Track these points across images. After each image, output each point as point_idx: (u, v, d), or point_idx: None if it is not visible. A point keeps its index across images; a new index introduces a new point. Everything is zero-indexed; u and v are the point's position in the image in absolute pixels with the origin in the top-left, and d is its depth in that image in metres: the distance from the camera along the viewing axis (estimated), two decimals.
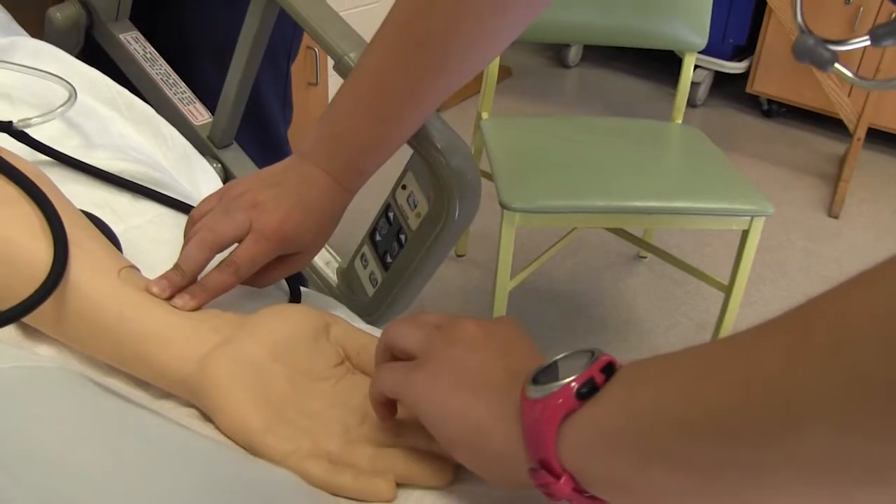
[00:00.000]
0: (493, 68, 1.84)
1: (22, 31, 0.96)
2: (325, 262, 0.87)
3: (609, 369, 0.39)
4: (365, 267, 0.81)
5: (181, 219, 0.72)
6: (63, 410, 0.40)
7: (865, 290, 0.29)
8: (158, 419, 0.46)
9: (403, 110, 0.66)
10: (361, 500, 0.47)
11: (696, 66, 3.04)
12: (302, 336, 0.54)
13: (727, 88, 3.27)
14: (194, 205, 0.72)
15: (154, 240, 0.70)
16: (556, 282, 2.15)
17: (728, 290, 1.62)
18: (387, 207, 0.78)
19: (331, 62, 0.76)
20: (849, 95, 2.60)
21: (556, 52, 3.57)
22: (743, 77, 3.13)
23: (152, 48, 1.02)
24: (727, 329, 1.66)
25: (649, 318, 2.02)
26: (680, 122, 1.88)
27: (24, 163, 0.61)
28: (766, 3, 2.76)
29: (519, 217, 1.46)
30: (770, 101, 3.16)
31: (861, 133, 2.55)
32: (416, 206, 0.73)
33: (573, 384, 0.38)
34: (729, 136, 3.05)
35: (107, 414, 0.43)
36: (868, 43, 0.48)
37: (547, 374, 0.40)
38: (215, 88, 1.01)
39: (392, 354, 0.49)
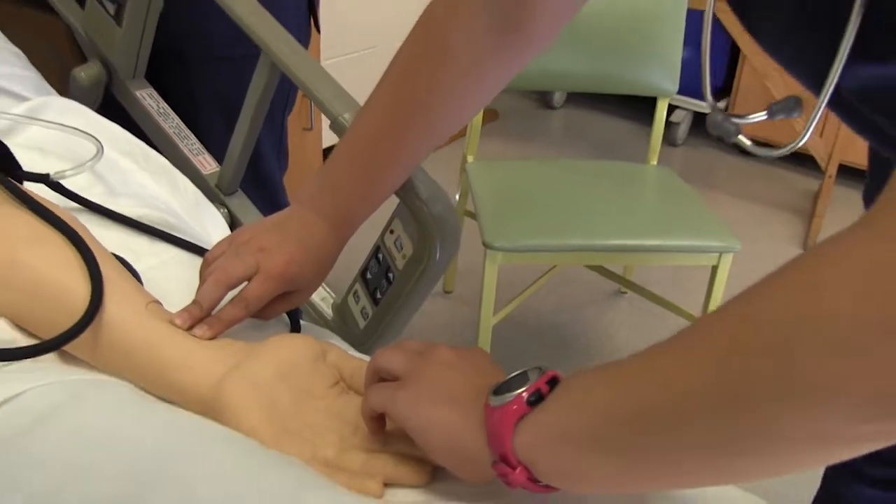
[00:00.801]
0: (479, 113, 1.94)
1: (51, 90, 1.06)
2: (321, 297, 0.97)
3: (553, 381, 0.48)
4: (357, 302, 0.90)
5: (193, 259, 0.82)
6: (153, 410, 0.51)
7: (746, 307, 0.39)
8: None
9: (392, 167, 0.76)
10: None
11: (676, 107, 3.18)
12: (303, 361, 0.63)
13: (706, 128, 3.39)
14: (205, 247, 0.82)
15: (169, 278, 0.79)
16: (540, 316, 2.24)
17: None
18: (377, 249, 0.88)
19: None
20: (820, 135, 2.72)
21: (541, 95, 3.70)
22: None
23: (165, 104, 1.12)
24: None
25: (631, 351, 2.10)
26: (655, 163, 1.99)
27: (61, 210, 0.71)
28: (740, 48, 2.89)
29: (501, 255, 1.56)
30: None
31: (832, 170, 2.67)
32: (402, 249, 0.83)
33: (524, 394, 0.48)
34: (709, 174, 3.17)
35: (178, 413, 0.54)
36: (765, 117, 0.59)
37: (504, 387, 0.49)
38: (218, 136, 1.11)
39: (380, 376, 0.58)
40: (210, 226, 0.96)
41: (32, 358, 0.62)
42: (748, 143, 0.58)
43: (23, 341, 0.65)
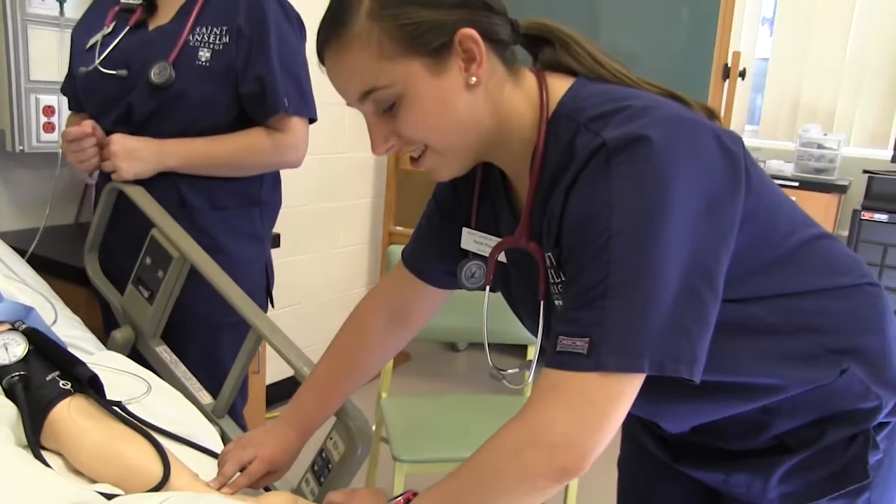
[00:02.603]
0: (390, 362, 2.51)
1: (102, 346, 1.58)
2: (280, 485, 1.46)
3: (416, 494, 1.01)
4: (307, 485, 1.40)
5: (204, 456, 1.32)
6: None
7: (479, 451, 0.93)
8: None
9: (332, 400, 1.31)
10: None
11: None
12: None
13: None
14: (212, 449, 1.32)
15: (191, 466, 1.29)
16: None
17: None
18: (322, 450, 1.39)
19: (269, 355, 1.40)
20: None
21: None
22: None
23: (175, 356, 1.65)
24: None
25: None
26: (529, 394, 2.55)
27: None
28: None
29: (407, 466, 2.07)
30: None
31: None
32: (337, 448, 1.35)
33: (401, 499, 1.00)
34: None
35: None
36: (518, 370, 1.16)
37: (392, 500, 1.01)
38: (203, 369, 1.65)
39: None
40: (208, 437, 1.46)
41: None
42: (507, 383, 1.15)
43: None
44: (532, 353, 2.54)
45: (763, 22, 4.30)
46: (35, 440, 1.12)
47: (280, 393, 3.22)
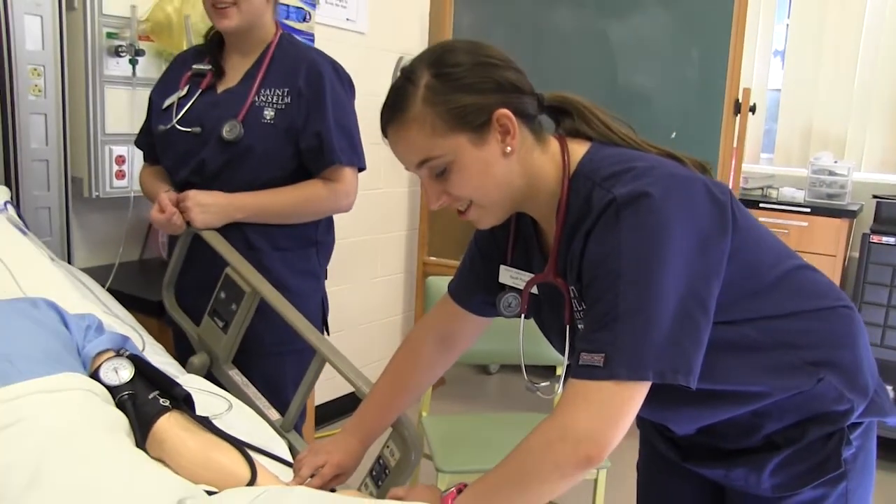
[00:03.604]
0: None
1: (183, 370, 1.81)
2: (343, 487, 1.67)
3: (467, 485, 1.22)
4: (366, 489, 1.62)
5: (275, 464, 1.53)
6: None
7: (517, 452, 1.14)
8: None
9: (390, 413, 1.53)
10: None
11: None
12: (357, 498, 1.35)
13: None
14: (284, 458, 1.54)
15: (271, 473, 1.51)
16: None
17: None
18: (379, 457, 1.61)
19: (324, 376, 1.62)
20: None
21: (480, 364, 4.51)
22: None
23: (245, 378, 1.87)
24: None
25: None
26: None
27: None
28: None
29: (448, 477, 2.28)
30: None
31: None
32: (394, 455, 1.57)
33: (454, 490, 1.21)
34: None
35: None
36: (547, 384, 1.37)
37: (445, 491, 1.22)
38: (268, 390, 1.87)
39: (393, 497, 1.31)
40: (280, 449, 1.68)
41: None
42: (540, 394, 1.36)
43: None
44: (560, 370, 2.75)
45: (775, 54, 4.50)
46: (143, 447, 1.34)
47: (328, 413, 3.46)
